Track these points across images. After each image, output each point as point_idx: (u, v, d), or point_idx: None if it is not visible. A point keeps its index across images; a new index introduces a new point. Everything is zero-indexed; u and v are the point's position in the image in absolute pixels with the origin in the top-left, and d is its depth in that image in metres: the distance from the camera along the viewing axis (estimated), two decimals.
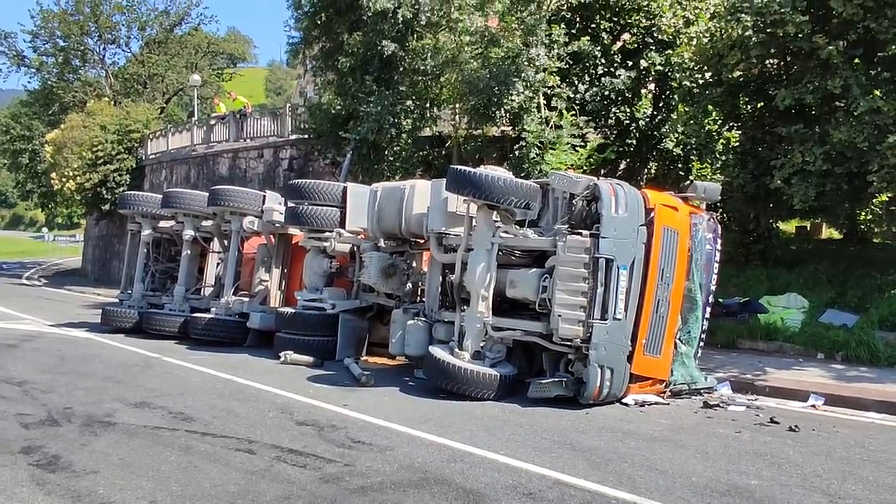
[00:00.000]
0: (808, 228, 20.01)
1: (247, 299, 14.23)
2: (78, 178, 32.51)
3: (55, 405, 8.30)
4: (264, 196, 14.41)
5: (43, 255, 63.08)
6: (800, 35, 12.30)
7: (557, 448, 6.86)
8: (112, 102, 39.80)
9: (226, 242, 15.01)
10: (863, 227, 17.75)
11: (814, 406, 8.94)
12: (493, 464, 6.30)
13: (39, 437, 6.95)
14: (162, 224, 16.06)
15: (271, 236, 14.46)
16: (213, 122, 30.29)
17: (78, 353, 12.50)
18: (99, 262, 38.79)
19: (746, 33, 13.21)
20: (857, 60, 12.56)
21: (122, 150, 33.27)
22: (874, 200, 14.35)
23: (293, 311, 12.72)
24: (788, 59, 13.62)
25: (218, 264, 15.83)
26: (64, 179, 33.03)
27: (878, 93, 11.88)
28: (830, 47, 12.09)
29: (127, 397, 8.80)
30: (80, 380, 9.95)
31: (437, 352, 9.41)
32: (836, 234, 19.13)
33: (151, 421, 7.65)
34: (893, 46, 12.31)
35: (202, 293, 15.77)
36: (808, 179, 12.58)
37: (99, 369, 10.84)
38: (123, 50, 46.41)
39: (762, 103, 14.70)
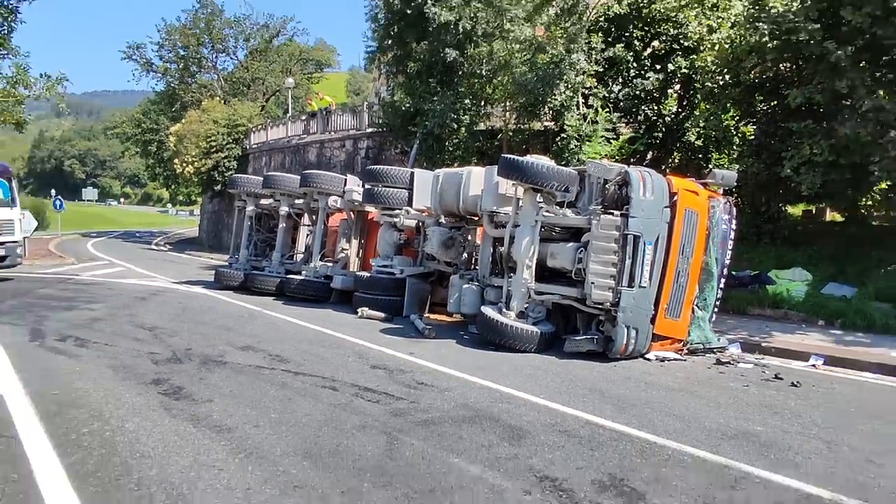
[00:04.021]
0: (814, 212, 19.18)
1: (331, 264, 14.46)
2: (195, 163, 33.48)
3: (178, 346, 8.62)
4: (346, 179, 14.56)
5: (167, 226, 65.36)
6: (811, 41, 11.81)
7: (589, 394, 6.84)
8: (222, 101, 40.60)
9: (314, 217, 15.25)
10: (863, 211, 16.89)
11: (814, 366, 8.69)
12: (534, 406, 6.31)
13: (166, 371, 7.25)
14: (263, 202, 16.36)
15: (351, 213, 14.62)
16: (304, 118, 30.70)
17: (196, 305, 12.92)
18: (212, 232, 39.93)
19: (763, 39, 12.74)
20: (863, 63, 11.97)
21: (231, 141, 34.05)
22: (874, 188, 13.73)
23: (369, 275, 12.85)
24: (800, 62, 13.05)
25: (307, 235, 16.09)
26: (184, 164, 34.05)
27: (882, 92, 11.38)
28: (839, 52, 11.56)
29: (235, 342, 9.08)
30: (198, 327, 10.29)
31: (488, 311, 9.43)
32: (838, 218, 18.29)
33: (255, 361, 7.87)
34: None
35: (295, 259, 16.07)
36: (815, 169, 12.16)
37: (213, 319, 11.18)
38: (231, 58, 47.33)
39: (775, 102, 14.17)
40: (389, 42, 18.92)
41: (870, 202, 15.87)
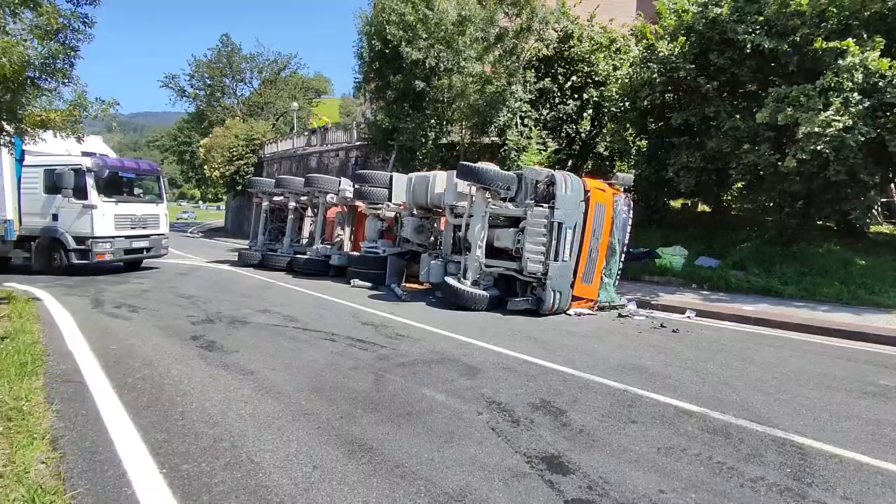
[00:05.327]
0: (689, 204, 19.71)
1: (329, 246, 14.26)
2: (221, 169, 32.46)
3: (211, 310, 8.47)
4: (340, 181, 14.34)
5: (200, 219, 63.27)
6: (688, 77, 12.03)
7: (525, 340, 6.95)
8: (242, 120, 39.39)
9: (315, 210, 15.00)
10: (724, 204, 17.48)
11: (689, 317, 8.96)
12: (484, 350, 6.39)
13: (202, 329, 7.13)
14: (275, 198, 16.02)
15: (344, 207, 14.42)
16: (306, 133, 30.05)
17: (224, 279, 12.66)
18: (235, 222, 38.87)
19: (653, 76, 12.90)
20: (725, 94, 12.29)
21: (248, 152, 33.09)
22: (733, 186, 14.16)
23: (359, 254, 12.75)
24: (680, 93, 13.30)
25: (311, 224, 15.84)
26: (212, 170, 32.99)
27: (738, 116, 11.68)
28: (708, 85, 11.83)
29: (255, 306, 8.95)
30: (226, 295, 10.11)
31: (450, 280, 9.47)
32: (707, 209, 18.83)
33: (271, 321, 7.79)
34: (749, 85, 12.04)
35: (301, 242, 15.83)
36: (690, 173, 12.45)
37: (237, 289, 10.99)
38: (248, 86, 45.93)
39: (662, 123, 14.41)
40: (372, 75, 18.53)
41: (729, 197, 16.37)
